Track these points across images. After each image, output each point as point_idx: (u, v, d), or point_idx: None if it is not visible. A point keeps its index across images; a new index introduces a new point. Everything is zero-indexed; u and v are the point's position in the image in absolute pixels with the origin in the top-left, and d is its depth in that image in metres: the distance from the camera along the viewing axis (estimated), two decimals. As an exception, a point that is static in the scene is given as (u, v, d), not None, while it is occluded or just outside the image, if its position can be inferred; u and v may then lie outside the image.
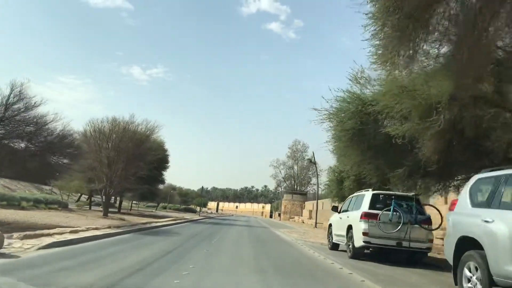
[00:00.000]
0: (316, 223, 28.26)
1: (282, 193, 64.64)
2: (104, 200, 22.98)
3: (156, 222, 17.48)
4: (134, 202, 76.29)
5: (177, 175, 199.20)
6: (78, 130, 22.06)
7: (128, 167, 23.13)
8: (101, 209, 34.14)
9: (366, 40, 6.53)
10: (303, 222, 41.07)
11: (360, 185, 21.92)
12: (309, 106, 12.14)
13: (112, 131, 22.87)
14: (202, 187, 41.10)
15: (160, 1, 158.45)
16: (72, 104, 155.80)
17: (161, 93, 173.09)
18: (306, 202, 53.93)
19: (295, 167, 69.56)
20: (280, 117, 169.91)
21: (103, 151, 22.37)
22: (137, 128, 23.95)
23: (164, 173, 35.54)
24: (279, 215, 58.09)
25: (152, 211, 45.01)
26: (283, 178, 70.92)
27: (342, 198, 24.01)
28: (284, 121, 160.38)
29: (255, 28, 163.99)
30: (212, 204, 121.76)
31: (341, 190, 22.67)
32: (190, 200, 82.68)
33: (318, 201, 45.83)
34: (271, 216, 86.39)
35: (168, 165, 35.71)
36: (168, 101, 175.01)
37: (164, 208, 66.23)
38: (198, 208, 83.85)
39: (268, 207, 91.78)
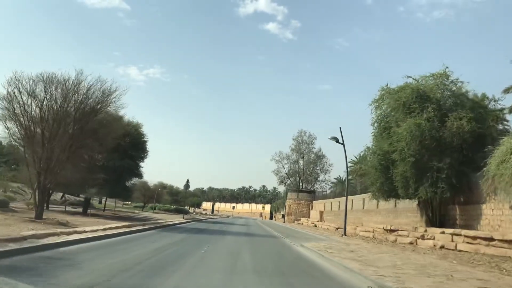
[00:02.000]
0: (345, 230, 20.44)
1: (285, 191, 56.58)
2: (38, 195, 15.53)
3: (87, 232, 9.96)
4: (125, 202, 68.87)
5: (173, 175, 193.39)
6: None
7: (73, 147, 15.76)
8: (70, 209, 26.67)
9: None
10: (316, 226, 33.55)
11: (424, 170, 14.38)
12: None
13: (48, 94, 15.44)
14: (188, 180, 32.91)
15: (157, 2, 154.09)
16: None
17: (158, 93, 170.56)
18: (314, 202, 46.35)
19: (301, 162, 59.99)
20: (277, 117, 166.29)
21: (34, 121, 15.04)
22: (88, 93, 16.44)
23: (141, 164, 28.13)
24: (283, 216, 49.97)
25: (134, 212, 37.68)
26: (286, 174, 60.90)
27: (390, 192, 16.37)
28: (281, 121, 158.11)
29: (252, 29, 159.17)
30: (207, 205, 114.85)
31: (388, 180, 15.20)
32: (183, 200, 75.11)
33: (333, 200, 37.73)
34: (271, 218, 78.80)
35: (147, 154, 28.30)
36: (165, 101, 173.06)
37: (153, 208, 59.14)
38: (190, 209, 76.38)
39: (268, 207, 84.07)
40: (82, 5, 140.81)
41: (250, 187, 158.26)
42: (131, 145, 26.43)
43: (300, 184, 57.21)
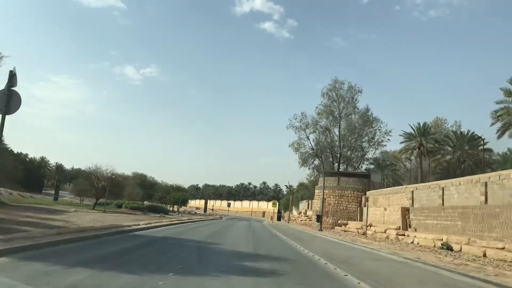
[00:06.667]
0: None
1: (315, 175, 35.22)
2: None
3: None
4: (97, 200, 49.31)
5: (170, 173, 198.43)
6: None
7: None
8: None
9: None
10: (451, 250, 13.40)
11: None
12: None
13: None
14: (13, 73, 10.78)
15: (153, 1, 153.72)
16: (65, 104, 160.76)
17: (155, 92, 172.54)
18: (370, 192, 26.48)
19: (335, 130, 36.18)
20: (275, 115, 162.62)
21: None
22: None
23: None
24: (319, 218, 27.75)
25: (67, 212, 18.94)
26: (313, 149, 35.98)
27: None
28: (279, 119, 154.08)
29: (249, 28, 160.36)
30: (200, 203, 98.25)
31: None
32: (165, 196, 55.95)
33: (455, 180, 14.76)
34: (279, 219, 59.86)
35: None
36: (162, 100, 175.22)
37: (119, 206, 40.85)
38: (174, 208, 58.00)
39: (275, 205, 64.78)
40: (78, 4, 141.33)
41: (250, 183, 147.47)
42: None
43: (336, 164, 35.46)
